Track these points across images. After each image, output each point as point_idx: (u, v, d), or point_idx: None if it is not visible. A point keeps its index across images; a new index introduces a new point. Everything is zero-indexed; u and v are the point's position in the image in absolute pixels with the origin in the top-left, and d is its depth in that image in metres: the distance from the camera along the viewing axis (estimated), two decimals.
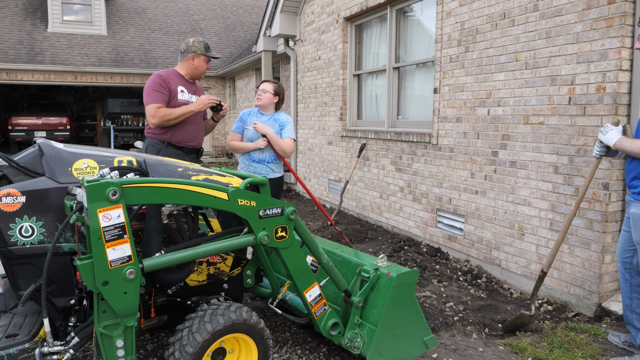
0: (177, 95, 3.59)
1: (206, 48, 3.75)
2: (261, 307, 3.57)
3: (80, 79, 14.17)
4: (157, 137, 3.59)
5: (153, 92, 3.51)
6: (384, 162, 5.98)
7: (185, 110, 3.54)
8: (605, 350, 2.96)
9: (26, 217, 2.09)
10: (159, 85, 3.52)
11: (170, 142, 3.58)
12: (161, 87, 3.52)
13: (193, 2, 18.91)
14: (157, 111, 3.48)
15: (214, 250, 2.21)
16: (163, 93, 3.52)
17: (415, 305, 2.63)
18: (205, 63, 3.77)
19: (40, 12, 15.54)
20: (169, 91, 3.55)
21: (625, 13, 3.18)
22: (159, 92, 3.51)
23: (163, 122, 3.50)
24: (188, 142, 3.66)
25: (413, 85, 5.74)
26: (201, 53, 3.70)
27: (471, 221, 4.60)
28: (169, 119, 3.50)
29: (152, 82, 3.54)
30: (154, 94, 3.51)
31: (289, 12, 8.32)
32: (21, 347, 2.02)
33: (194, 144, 3.73)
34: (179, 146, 3.62)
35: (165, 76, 3.58)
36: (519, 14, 3.97)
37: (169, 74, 3.63)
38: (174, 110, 3.52)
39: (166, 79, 3.56)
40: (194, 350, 2.11)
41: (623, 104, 3.28)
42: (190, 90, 3.73)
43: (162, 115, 3.48)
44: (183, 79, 3.71)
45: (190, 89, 3.74)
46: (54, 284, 2.18)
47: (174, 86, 3.59)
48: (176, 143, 3.60)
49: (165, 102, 3.53)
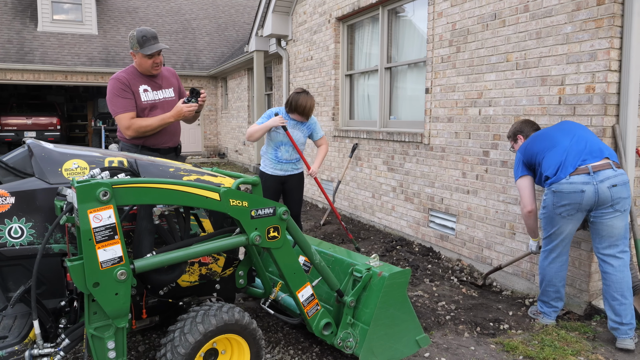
0: (140, 97, 3.35)
1: (140, 43, 3.28)
2: (253, 308, 3.56)
3: (71, 79, 14.07)
4: (131, 141, 3.40)
5: (118, 100, 3.28)
6: (376, 162, 5.99)
7: (163, 122, 3.31)
8: (595, 348, 2.99)
9: (15, 218, 2.07)
10: (121, 90, 3.28)
11: (145, 145, 3.40)
12: (123, 91, 3.28)
13: (185, 2, 18.83)
14: (131, 122, 3.26)
15: (206, 250, 2.20)
16: (128, 98, 3.29)
17: (408, 305, 2.64)
18: (147, 58, 3.31)
19: (29, 11, 15.39)
20: (132, 93, 3.31)
21: (614, 14, 3.21)
22: (124, 98, 3.27)
23: (139, 134, 3.31)
24: (164, 143, 3.48)
25: (405, 86, 5.76)
26: (136, 50, 3.31)
27: (463, 221, 4.62)
28: (146, 131, 3.30)
29: (112, 88, 3.29)
30: (119, 101, 3.28)
31: (281, 12, 8.31)
32: (10, 350, 2.00)
33: (170, 144, 3.54)
34: (154, 148, 3.44)
35: (125, 78, 3.32)
36: (510, 15, 3.99)
37: (128, 74, 3.37)
38: (150, 121, 3.29)
39: (126, 81, 3.31)
40: (186, 351, 2.10)
41: (612, 104, 3.32)
42: (154, 87, 3.45)
43: (137, 128, 3.28)
44: (143, 76, 3.42)
45: (155, 85, 3.45)
46: (44, 285, 2.16)
47: (136, 87, 3.35)
48: (151, 145, 3.42)
49: (134, 107, 3.32)
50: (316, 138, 4.30)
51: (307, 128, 4.22)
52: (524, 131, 3.58)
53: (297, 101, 3.98)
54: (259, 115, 10.67)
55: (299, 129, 4.17)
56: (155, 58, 3.37)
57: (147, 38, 3.29)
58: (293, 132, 4.12)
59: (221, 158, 15.68)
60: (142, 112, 3.40)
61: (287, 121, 4.09)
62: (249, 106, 13.06)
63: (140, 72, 3.43)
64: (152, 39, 3.32)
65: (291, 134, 4.09)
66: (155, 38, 3.36)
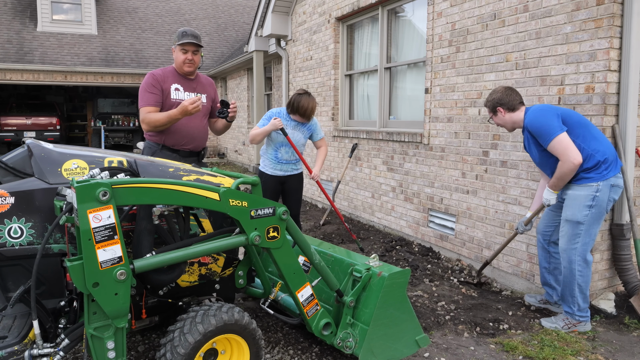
0: (169, 95, 3.46)
1: (179, 37, 3.48)
2: (253, 308, 3.56)
3: (70, 79, 14.05)
4: (153, 139, 3.51)
5: (144, 94, 3.42)
6: (375, 162, 5.99)
7: (170, 118, 3.34)
8: (595, 348, 2.99)
9: (15, 218, 2.07)
10: (151, 86, 3.41)
11: (165, 145, 3.48)
12: (153, 87, 3.41)
13: (184, 2, 18.83)
14: (145, 116, 3.38)
15: (206, 250, 2.20)
16: (155, 94, 3.41)
17: (407, 305, 2.63)
18: (181, 54, 3.47)
19: (29, 11, 15.39)
20: (161, 90, 3.43)
21: (614, 14, 3.22)
22: (150, 93, 3.40)
23: (152, 127, 3.40)
24: (183, 145, 3.52)
25: (404, 86, 5.76)
26: (176, 43, 3.47)
27: (462, 221, 4.62)
28: (156, 126, 3.38)
29: (144, 83, 3.45)
30: (145, 95, 3.41)
31: (281, 12, 8.31)
32: (10, 350, 2.00)
33: (191, 147, 3.56)
34: (174, 149, 3.50)
35: (159, 75, 3.46)
36: (509, 15, 3.99)
37: (164, 72, 3.51)
38: (160, 116, 3.36)
39: (159, 78, 3.44)
40: (186, 351, 2.10)
41: (612, 104, 3.32)
42: (187, 87, 3.55)
43: (149, 122, 3.37)
44: (179, 75, 3.55)
45: (188, 86, 3.56)
46: (43, 285, 2.16)
47: (168, 85, 3.46)
48: (170, 146, 3.49)
49: (158, 103, 3.42)
50: (316, 139, 4.31)
51: (307, 129, 4.22)
52: (505, 103, 3.28)
53: (299, 102, 3.99)
54: (258, 115, 10.66)
55: (300, 130, 4.17)
56: (188, 54, 3.47)
57: (186, 34, 3.47)
58: (293, 133, 4.13)
59: (221, 158, 15.67)
60: (169, 109, 3.45)
61: (285, 124, 4.10)
62: (249, 106, 13.06)
63: (177, 72, 3.55)
64: (191, 36, 3.48)
65: (291, 135, 4.10)
66: (195, 37, 3.49)
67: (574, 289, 3.17)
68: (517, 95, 3.30)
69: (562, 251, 3.20)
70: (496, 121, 3.42)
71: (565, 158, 3.01)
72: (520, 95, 3.34)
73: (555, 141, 3.02)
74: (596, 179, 3.05)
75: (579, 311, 3.20)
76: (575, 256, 3.13)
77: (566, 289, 3.21)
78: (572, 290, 3.17)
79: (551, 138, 3.02)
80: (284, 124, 4.09)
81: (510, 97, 3.27)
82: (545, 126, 3.05)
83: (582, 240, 3.11)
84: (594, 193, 3.05)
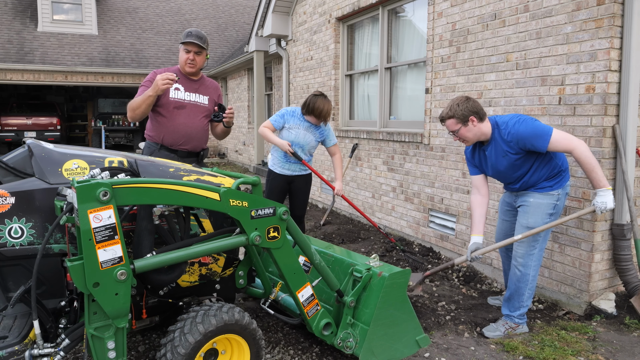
0: (168, 93, 3.44)
1: (183, 36, 3.50)
2: (253, 308, 3.56)
3: (71, 79, 14.06)
4: (152, 138, 3.52)
5: (140, 89, 3.44)
6: (376, 162, 5.99)
7: (145, 97, 3.29)
8: (596, 348, 2.99)
9: (15, 218, 2.07)
10: (148, 82, 3.42)
11: (164, 145, 3.48)
12: (149, 82, 3.41)
13: (185, 2, 18.84)
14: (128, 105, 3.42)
15: (206, 250, 2.20)
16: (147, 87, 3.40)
17: (408, 305, 2.63)
18: (184, 53, 3.48)
19: (29, 11, 15.40)
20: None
21: (614, 14, 3.21)
22: (144, 87, 3.42)
23: (133, 114, 3.39)
24: (181, 145, 3.50)
25: (405, 86, 5.76)
26: (180, 42, 3.50)
27: (463, 221, 4.62)
28: (134, 109, 3.36)
29: (145, 79, 3.49)
30: (140, 90, 3.44)
31: (281, 12, 8.32)
32: (10, 350, 2.00)
33: (189, 147, 3.53)
34: (172, 149, 3.49)
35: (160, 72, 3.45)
36: (510, 15, 3.99)
37: (167, 70, 3.51)
38: (137, 99, 3.34)
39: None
40: (186, 352, 2.10)
41: (612, 104, 3.32)
42: (189, 88, 3.53)
43: (128, 108, 3.39)
44: (182, 76, 3.54)
45: (190, 87, 3.54)
46: (44, 285, 2.16)
47: None
48: (169, 145, 3.48)
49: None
50: (329, 145, 4.24)
51: (320, 133, 4.16)
52: (479, 112, 3.05)
53: (315, 104, 3.94)
54: (259, 116, 10.66)
55: (312, 132, 4.11)
56: (190, 55, 3.46)
57: (190, 34, 3.47)
58: (305, 134, 4.09)
59: (221, 158, 15.68)
60: (167, 107, 3.46)
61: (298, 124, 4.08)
62: (249, 106, 13.06)
63: (181, 72, 3.55)
64: (194, 36, 3.47)
65: (303, 136, 4.08)
66: (199, 37, 3.47)
67: (523, 294, 3.21)
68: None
69: (518, 257, 3.21)
70: (462, 133, 3.10)
71: (574, 145, 2.89)
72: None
73: (554, 137, 2.92)
74: (556, 187, 3.11)
75: (519, 315, 3.25)
76: (532, 262, 3.18)
77: (515, 293, 3.23)
78: (522, 294, 3.21)
79: (549, 136, 2.94)
80: (296, 124, 4.06)
81: (480, 106, 3.09)
82: (537, 129, 2.96)
83: (539, 246, 3.17)
84: (555, 202, 3.11)
